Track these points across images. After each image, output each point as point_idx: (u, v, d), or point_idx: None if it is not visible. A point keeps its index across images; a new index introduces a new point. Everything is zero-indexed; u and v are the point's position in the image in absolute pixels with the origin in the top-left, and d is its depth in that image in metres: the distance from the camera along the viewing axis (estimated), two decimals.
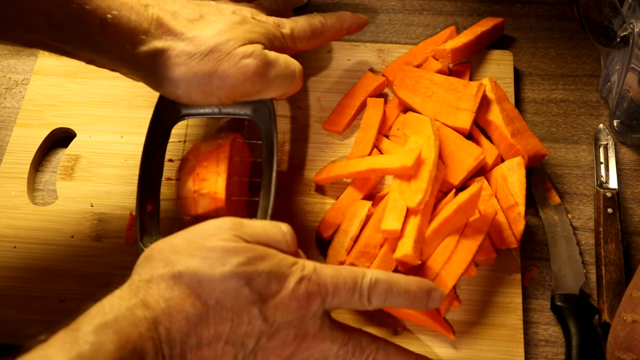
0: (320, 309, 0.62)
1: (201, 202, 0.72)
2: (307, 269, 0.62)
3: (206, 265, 0.59)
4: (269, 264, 0.60)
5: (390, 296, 0.64)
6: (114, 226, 0.81)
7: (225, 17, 0.74)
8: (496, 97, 0.83)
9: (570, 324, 0.74)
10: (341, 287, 0.62)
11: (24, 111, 0.88)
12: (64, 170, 0.84)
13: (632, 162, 0.86)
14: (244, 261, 0.59)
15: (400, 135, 0.84)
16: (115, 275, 0.77)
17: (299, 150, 0.86)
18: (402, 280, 0.65)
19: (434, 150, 0.75)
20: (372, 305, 0.64)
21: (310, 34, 0.81)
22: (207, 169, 0.74)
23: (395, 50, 0.93)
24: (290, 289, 0.60)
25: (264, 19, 0.77)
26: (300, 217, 0.82)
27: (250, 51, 0.72)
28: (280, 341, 0.60)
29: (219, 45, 0.71)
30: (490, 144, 0.83)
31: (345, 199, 0.80)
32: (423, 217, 0.73)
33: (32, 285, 0.78)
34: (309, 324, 0.61)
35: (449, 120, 0.81)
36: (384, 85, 0.90)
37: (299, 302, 0.60)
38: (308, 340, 0.61)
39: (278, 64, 0.74)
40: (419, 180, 0.74)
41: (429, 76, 0.84)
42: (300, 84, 0.78)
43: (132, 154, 0.85)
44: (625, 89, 0.83)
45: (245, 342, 0.59)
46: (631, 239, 0.81)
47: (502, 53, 0.93)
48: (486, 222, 0.75)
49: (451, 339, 0.73)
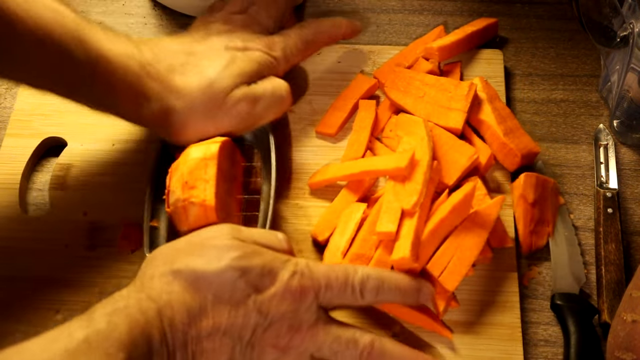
0: (314, 303, 0.66)
1: (191, 211, 0.73)
2: (300, 265, 0.68)
3: (203, 261, 0.65)
4: (263, 259, 0.66)
5: (382, 291, 0.69)
6: (108, 235, 0.83)
7: (216, 61, 0.79)
8: (487, 96, 0.85)
9: (569, 323, 0.76)
10: (333, 282, 0.67)
11: (13, 121, 0.90)
12: (56, 179, 0.86)
13: (632, 162, 0.88)
14: (239, 255, 0.65)
15: (393, 136, 0.85)
16: (110, 285, 0.79)
17: (291, 154, 0.88)
18: (393, 276, 0.71)
19: (428, 152, 0.77)
20: (365, 300, 0.69)
21: (303, 48, 0.86)
22: (195, 176, 0.75)
23: (386, 51, 0.95)
24: (283, 283, 0.66)
25: (256, 45, 0.82)
26: (295, 221, 0.84)
27: (239, 96, 0.78)
28: (274, 333, 0.65)
29: (212, 98, 0.77)
30: (483, 143, 0.84)
31: (340, 201, 0.82)
32: (419, 219, 0.74)
33: (27, 295, 0.79)
34: (303, 317, 0.66)
35: (441, 121, 0.83)
36: (375, 87, 0.91)
37: (292, 295, 0.65)
38: (302, 332, 0.66)
39: (265, 96, 0.80)
40: (413, 182, 0.75)
41: (420, 77, 0.86)
42: (290, 101, 0.83)
43: (124, 162, 0.87)
44: (625, 89, 0.85)
45: (242, 333, 0.64)
46: (631, 239, 0.83)
47: (492, 52, 0.94)
48: (488, 225, 0.76)
49: (449, 339, 0.76)
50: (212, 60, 0.79)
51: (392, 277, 0.71)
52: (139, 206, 0.82)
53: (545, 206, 0.83)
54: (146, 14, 1.03)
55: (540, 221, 0.82)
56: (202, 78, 0.77)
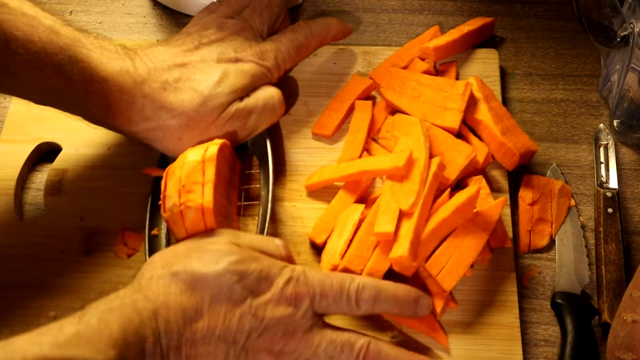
0: (310, 310, 0.67)
1: (188, 215, 0.73)
2: (296, 272, 0.68)
3: (202, 264, 0.66)
4: (260, 264, 0.67)
5: (379, 302, 0.70)
6: (105, 240, 0.83)
7: (208, 76, 0.80)
8: (483, 95, 0.86)
9: (567, 322, 0.77)
10: (328, 290, 0.68)
11: (7, 126, 0.90)
12: (51, 184, 0.86)
13: (632, 162, 0.89)
14: (237, 260, 0.66)
15: (390, 137, 0.86)
16: (107, 290, 0.76)
17: (288, 156, 0.89)
18: (390, 287, 0.71)
19: (425, 151, 0.77)
20: (361, 310, 0.69)
21: (295, 53, 0.87)
22: (193, 179, 0.74)
23: (382, 52, 0.96)
24: (279, 288, 0.66)
25: (248, 55, 0.83)
26: (292, 223, 0.84)
27: (232, 112, 0.80)
28: (269, 338, 0.66)
29: (205, 117, 0.79)
30: (480, 141, 0.85)
31: (337, 203, 0.83)
32: (420, 218, 0.74)
33: (23, 301, 0.80)
34: (298, 323, 0.67)
35: (438, 120, 0.84)
36: (371, 88, 0.92)
37: (287, 301, 0.66)
38: (297, 338, 0.67)
39: (257, 108, 0.82)
40: (411, 182, 0.76)
41: (416, 77, 0.87)
42: (283, 109, 0.85)
43: (119, 167, 0.87)
44: (625, 88, 0.86)
45: (237, 338, 0.65)
46: (631, 239, 0.84)
47: (487, 52, 0.95)
48: (489, 226, 0.77)
49: (448, 342, 0.76)
50: (204, 74, 0.80)
51: (390, 287, 0.72)
52: (135, 211, 0.83)
53: (546, 207, 0.83)
54: (146, 14, 1.04)
55: (540, 221, 0.83)
56: (195, 95, 0.78)
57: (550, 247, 0.83)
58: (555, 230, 0.83)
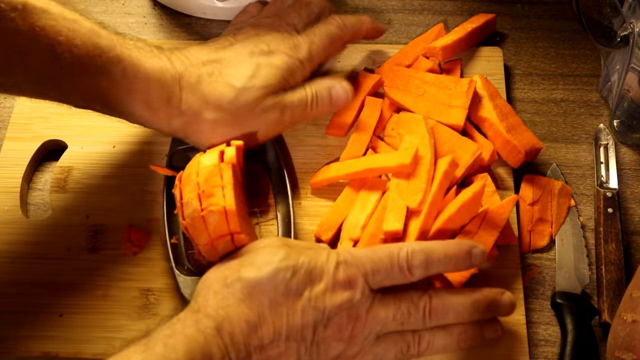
0: (366, 288, 0.71)
1: (211, 219, 0.74)
2: (342, 255, 0.72)
3: (254, 269, 0.70)
4: (307, 256, 0.71)
5: (431, 264, 0.72)
6: (111, 237, 0.86)
7: (241, 70, 0.83)
8: (488, 93, 0.90)
9: (567, 322, 0.80)
10: (378, 264, 0.71)
11: (13, 124, 0.93)
12: (57, 182, 0.89)
13: (632, 162, 0.93)
14: (284, 256, 0.70)
15: (395, 135, 0.88)
16: (113, 287, 0.82)
17: (293, 154, 0.92)
18: (439, 246, 0.73)
19: (430, 149, 0.81)
20: (415, 276, 0.72)
21: (329, 44, 0.90)
22: (212, 183, 0.75)
23: (386, 50, 1.00)
24: (331, 275, 0.70)
25: (281, 48, 0.86)
26: (298, 220, 0.87)
27: (268, 105, 0.83)
28: (336, 326, 0.70)
29: (240, 109, 0.82)
30: (485, 139, 0.88)
31: (343, 200, 0.86)
32: (427, 216, 0.78)
33: (30, 300, 0.82)
34: (359, 304, 0.70)
35: (442, 118, 0.87)
36: (380, 84, 0.94)
37: (342, 286, 0.70)
38: (362, 319, 0.70)
39: (292, 104, 0.85)
40: (417, 180, 0.79)
41: (420, 75, 0.91)
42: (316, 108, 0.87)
43: (125, 164, 0.91)
44: (625, 88, 0.90)
45: (304, 334, 0.69)
46: (631, 239, 0.87)
47: (491, 50, 1.00)
48: (499, 224, 0.80)
49: None
50: (237, 68, 0.83)
51: (439, 247, 0.73)
52: (141, 208, 0.87)
53: (546, 207, 0.87)
54: (146, 14, 1.07)
55: (540, 221, 0.86)
56: (229, 89, 0.81)
57: (550, 247, 0.86)
58: (555, 230, 0.86)
